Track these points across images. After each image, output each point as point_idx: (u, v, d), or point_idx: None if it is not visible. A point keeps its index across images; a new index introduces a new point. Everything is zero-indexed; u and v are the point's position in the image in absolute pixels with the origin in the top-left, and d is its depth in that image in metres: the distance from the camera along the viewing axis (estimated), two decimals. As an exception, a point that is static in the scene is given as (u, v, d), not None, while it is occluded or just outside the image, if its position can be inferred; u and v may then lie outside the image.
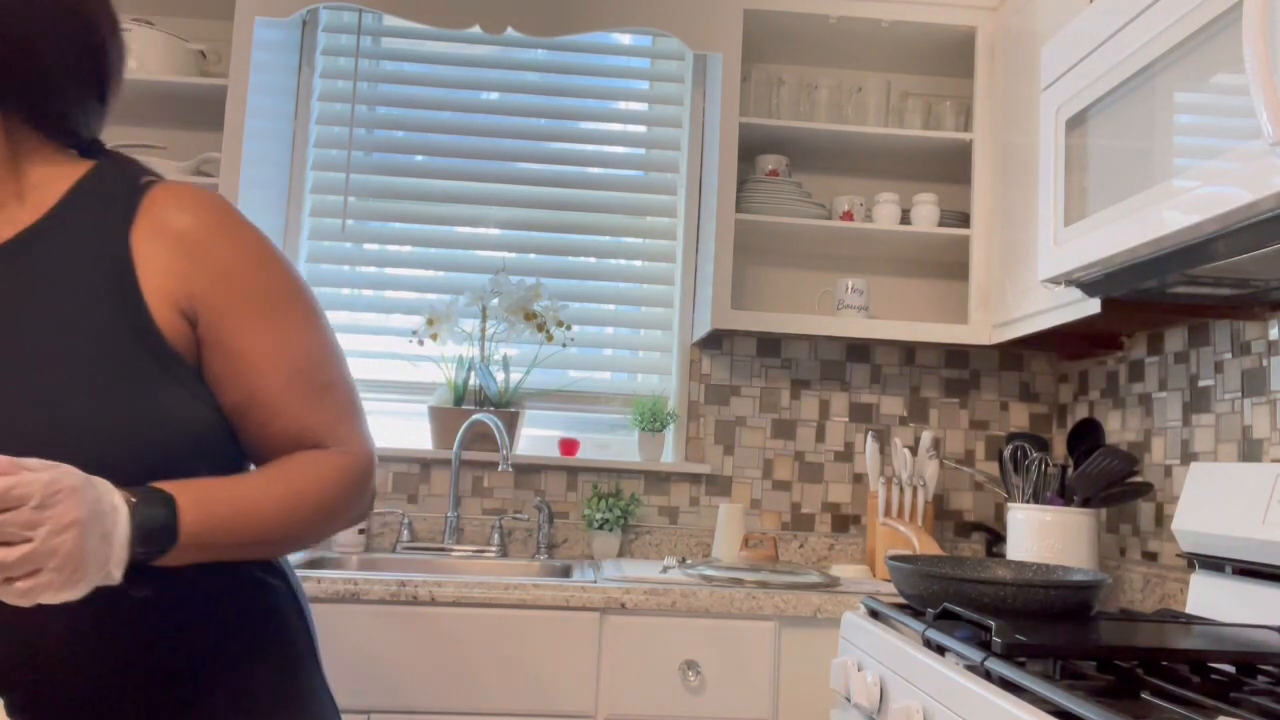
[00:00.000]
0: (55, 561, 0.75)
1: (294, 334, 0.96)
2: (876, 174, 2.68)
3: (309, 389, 0.96)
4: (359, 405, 1.01)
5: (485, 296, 2.51)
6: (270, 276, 0.95)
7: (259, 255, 0.95)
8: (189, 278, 0.91)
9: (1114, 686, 1.10)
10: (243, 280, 0.93)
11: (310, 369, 0.96)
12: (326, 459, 0.96)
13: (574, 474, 2.54)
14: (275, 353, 0.94)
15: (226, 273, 0.92)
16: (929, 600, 1.46)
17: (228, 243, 0.93)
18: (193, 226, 0.92)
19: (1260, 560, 1.55)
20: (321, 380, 0.97)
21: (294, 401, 0.95)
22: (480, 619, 1.90)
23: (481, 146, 2.65)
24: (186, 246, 0.91)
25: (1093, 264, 1.61)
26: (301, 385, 0.95)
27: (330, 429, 0.97)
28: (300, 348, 0.96)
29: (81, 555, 0.76)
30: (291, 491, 0.92)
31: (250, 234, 0.95)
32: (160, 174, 0.99)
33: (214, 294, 0.92)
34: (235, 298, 0.93)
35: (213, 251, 0.92)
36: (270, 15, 2.29)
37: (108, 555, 0.79)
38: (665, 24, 2.36)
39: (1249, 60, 1.17)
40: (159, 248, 0.91)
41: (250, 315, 0.93)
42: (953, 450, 2.63)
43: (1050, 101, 1.77)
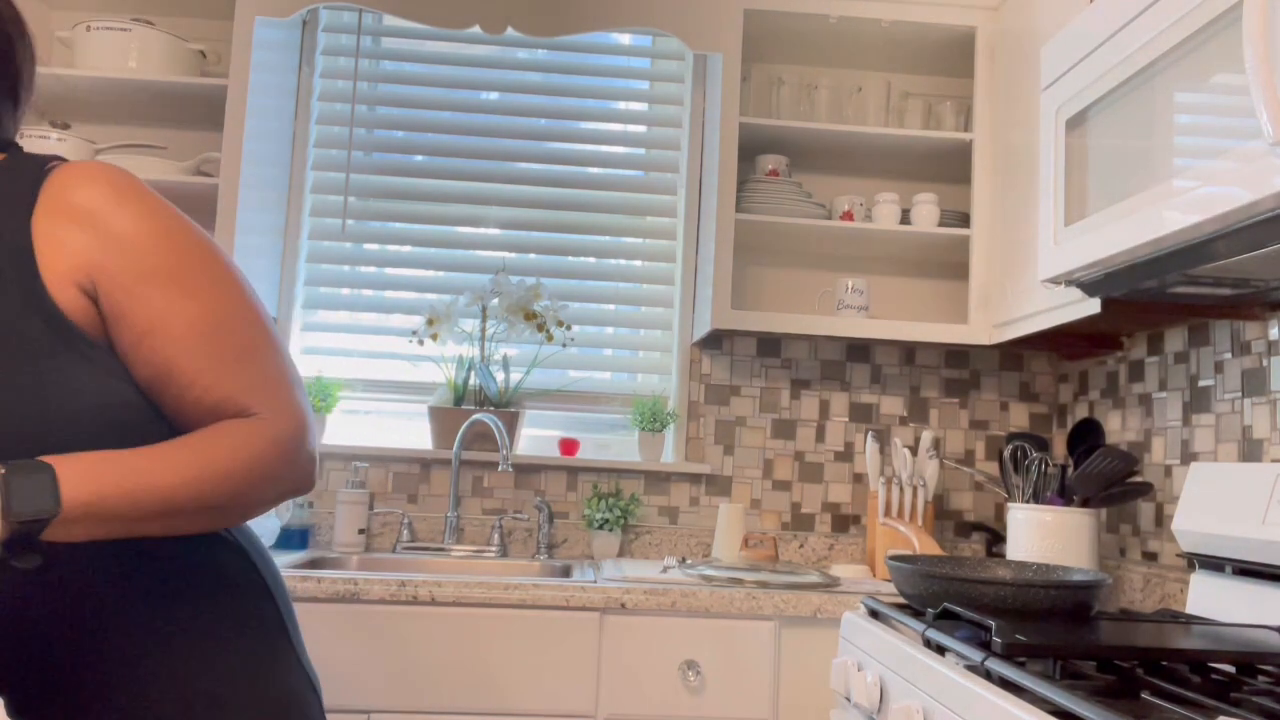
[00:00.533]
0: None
1: (202, 300, 0.92)
2: (876, 174, 2.68)
3: (224, 354, 0.92)
4: (287, 371, 0.97)
5: (485, 296, 2.51)
6: (172, 244, 0.92)
7: (158, 225, 0.92)
8: (86, 251, 0.89)
9: (1114, 686, 1.10)
10: (141, 250, 0.90)
11: (222, 334, 0.92)
12: (244, 426, 0.92)
13: (574, 474, 2.54)
14: (182, 320, 0.91)
15: (124, 243, 0.90)
16: (929, 600, 1.46)
17: (125, 214, 0.91)
18: (89, 199, 0.90)
19: (1260, 560, 1.55)
20: (237, 345, 0.93)
21: (208, 368, 0.91)
22: (480, 619, 1.90)
23: (481, 146, 2.65)
24: (82, 220, 0.89)
25: (1093, 264, 1.61)
26: (215, 351, 0.92)
27: (252, 395, 0.93)
28: (210, 313, 0.92)
29: None
30: (201, 459, 0.88)
31: (150, 204, 0.93)
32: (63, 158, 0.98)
33: (112, 265, 0.89)
34: (135, 268, 0.90)
35: (109, 223, 0.90)
36: (270, 15, 2.29)
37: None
38: (665, 24, 2.36)
39: (1249, 60, 1.17)
40: (57, 224, 0.89)
41: (153, 284, 0.90)
42: (953, 450, 2.63)
43: (1050, 101, 1.77)
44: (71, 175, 0.91)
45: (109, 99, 2.42)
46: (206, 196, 2.35)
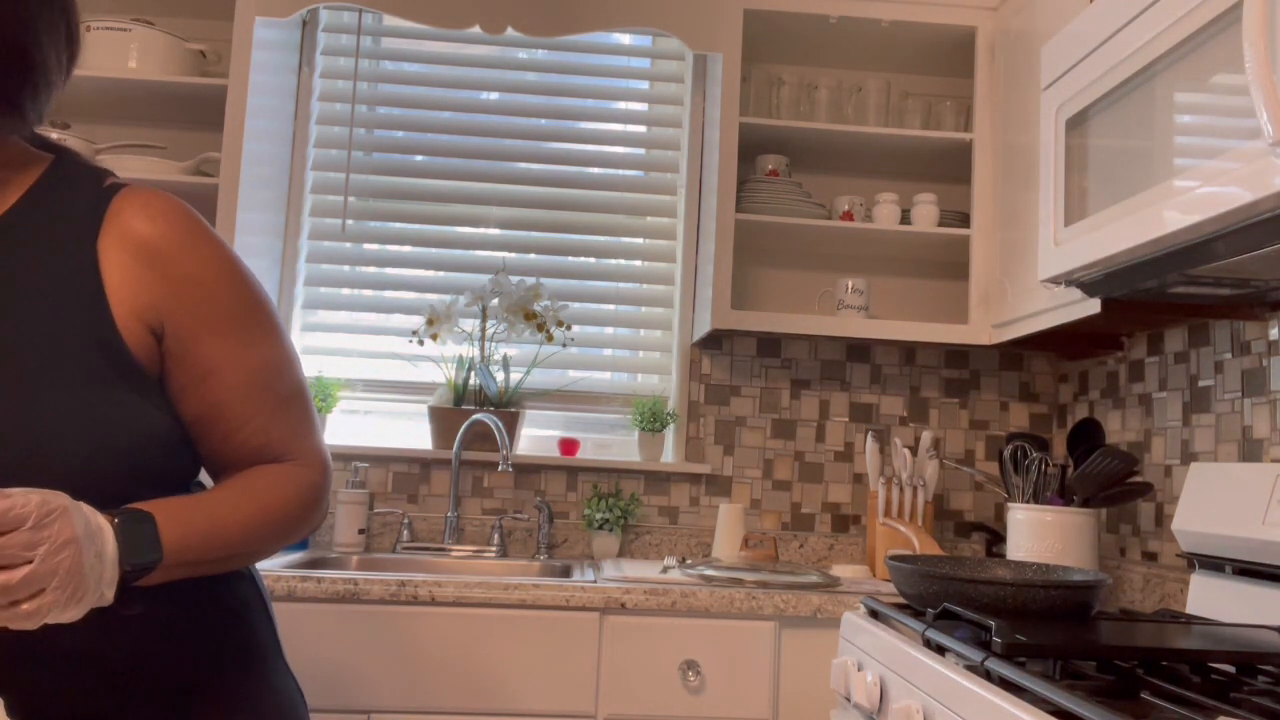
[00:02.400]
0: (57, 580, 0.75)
1: (256, 347, 0.96)
2: (876, 174, 2.68)
3: (271, 402, 0.97)
4: (315, 416, 1.03)
5: (485, 296, 2.51)
6: (233, 290, 0.95)
7: (222, 269, 0.95)
8: (154, 290, 0.91)
9: (1114, 686, 1.10)
10: (206, 294, 0.93)
11: (272, 381, 0.97)
12: (289, 475, 0.98)
13: (574, 474, 2.54)
14: (238, 365, 0.95)
15: (195, 290, 0.93)
16: (929, 600, 1.46)
17: (192, 256, 0.93)
18: (158, 237, 0.92)
19: (1260, 560, 1.55)
20: (283, 392, 0.98)
21: (256, 415, 0.96)
22: (480, 619, 1.90)
23: (481, 146, 2.64)
24: (151, 258, 0.91)
25: (1093, 264, 1.61)
26: (263, 398, 0.96)
27: (290, 441, 0.99)
28: (262, 360, 0.97)
29: (81, 573, 0.77)
30: (259, 508, 0.94)
31: (214, 247, 0.95)
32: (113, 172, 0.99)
33: (178, 307, 0.92)
34: (199, 311, 0.93)
35: (178, 264, 0.92)
36: (270, 15, 2.29)
37: (101, 573, 0.79)
38: (665, 24, 2.36)
39: (1249, 60, 1.17)
40: (125, 258, 0.91)
41: (213, 328, 0.94)
42: (953, 450, 2.63)
43: (1050, 101, 1.77)
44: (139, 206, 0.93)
45: (109, 99, 2.42)
46: (206, 196, 2.35)
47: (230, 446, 0.96)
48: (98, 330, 0.88)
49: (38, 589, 0.74)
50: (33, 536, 0.74)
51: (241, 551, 0.93)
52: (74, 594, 0.76)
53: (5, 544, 0.72)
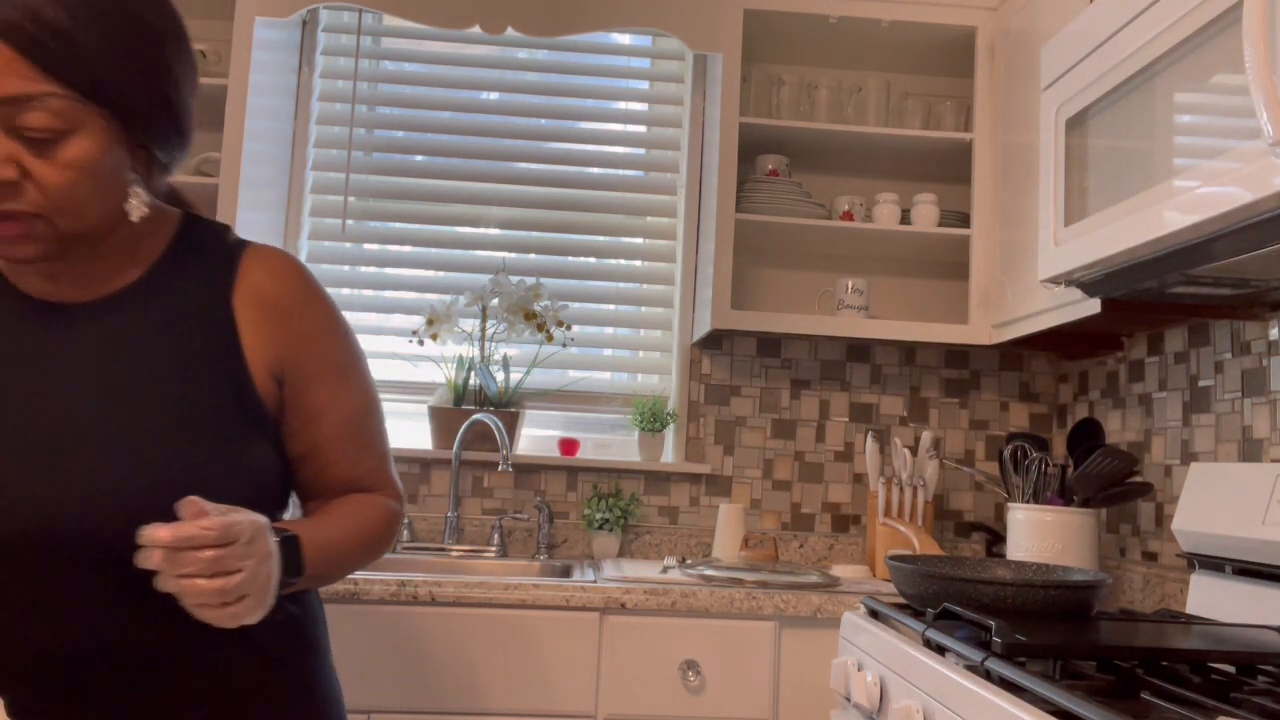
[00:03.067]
0: (256, 587, 0.87)
1: (353, 394, 1.10)
2: (876, 174, 2.68)
3: (362, 441, 1.11)
4: (390, 451, 1.16)
5: (485, 296, 2.51)
6: (340, 344, 1.10)
7: (333, 325, 1.09)
8: (279, 344, 1.04)
9: (1114, 686, 1.10)
10: (320, 348, 1.07)
11: (364, 423, 1.11)
12: (381, 504, 1.11)
13: (574, 474, 2.54)
14: (340, 409, 1.08)
15: (311, 342, 1.06)
16: (929, 600, 1.46)
17: (310, 314, 1.07)
18: (282, 296, 1.05)
19: (1260, 560, 1.55)
20: (371, 432, 1.12)
21: (350, 451, 1.10)
22: (480, 619, 1.90)
23: (481, 146, 2.65)
24: (278, 315, 1.04)
25: (1093, 264, 1.61)
26: (357, 438, 1.10)
27: (375, 475, 1.12)
28: (357, 404, 1.10)
29: (270, 583, 0.90)
30: (361, 532, 1.07)
31: (326, 304, 1.10)
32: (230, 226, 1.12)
33: (300, 360, 1.06)
34: (314, 363, 1.07)
35: (299, 321, 1.06)
36: (270, 15, 2.29)
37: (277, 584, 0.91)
38: (665, 24, 2.36)
39: (1249, 60, 1.17)
40: (256, 315, 1.03)
41: (323, 377, 1.07)
42: (953, 450, 2.63)
43: (1050, 101, 1.77)
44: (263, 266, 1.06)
45: (109, 99, 2.41)
46: (206, 196, 2.35)
47: (325, 478, 1.09)
48: (236, 381, 1.01)
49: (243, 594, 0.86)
50: (246, 550, 0.85)
51: (345, 569, 1.06)
52: (263, 601, 0.88)
53: (228, 554, 0.84)
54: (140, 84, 0.93)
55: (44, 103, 0.87)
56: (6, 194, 0.89)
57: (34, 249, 0.92)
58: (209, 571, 0.83)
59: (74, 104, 0.89)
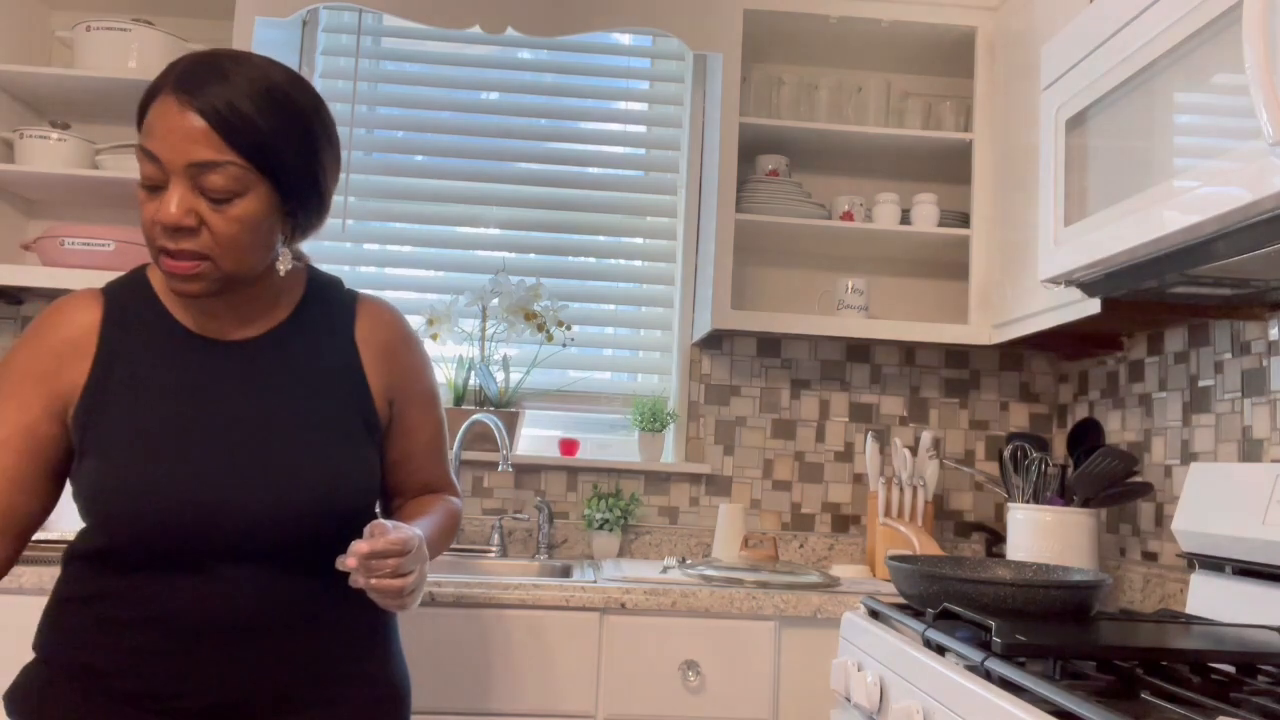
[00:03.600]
0: (422, 586, 1.16)
1: (437, 415, 1.40)
2: (876, 174, 2.68)
3: (438, 452, 1.41)
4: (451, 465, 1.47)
5: (485, 296, 2.51)
6: (429, 377, 1.39)
7: (426, 361, 1.39)
8: (390, 376, 1.33)
9: (1114, 686, 1.10)
10: (418, 381, 1.36)
11: (439, 439, 1.41)
12: (453, 506, 1.41)
13: (574, 474, 2.55)
14: (427, 428, 1.38)
15: (411, 375, 1.35)
16: (929, 600, 1.46)
17: (410, 353, 1.36)
18: (391, 339, 1.34)
19: (1260, 560, 1.55)
20: (443, 446, 1.42)
21: (430, 459, 1.39)
22: (480, 619, 1.90)
23: (481, 146, 2.65)
24: (389, 353, 1.33)
25: (1093, 264, 1.61)
26: (435, 448, 1.40)
27: (444, 479, 1.43)
28: (437, 424, 1.40)
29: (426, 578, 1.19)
30: (445, 529, 1.35)
31: (419, 346, 1.38)
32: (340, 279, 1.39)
33: (404, 388, 1.34)
34: (415, 392, 1.36)
35: (403, 360, 1.35)
36: (270, 15, 2.29)
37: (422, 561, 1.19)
38: (665, 24, 2.36)
39: (1249, 60, 1.17)
40: (373, 353, 1.32)
41: (419, 402, 1.36)
42: (953, 450, 2.63)
43: (1050, 101, 1.77)
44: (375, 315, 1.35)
45: (109, 99, 2.41)
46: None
47: (412, 480, 1.39)
48: (363, 405, 1.29)
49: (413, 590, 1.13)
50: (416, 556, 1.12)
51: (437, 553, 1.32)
52: (422, 591, 1.17)
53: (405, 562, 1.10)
54: (297, 164, 1.17)
55: (225, 169, 1.11)
56: (185, 236, 1.12)
57: (200, 285, 1.15)
58: (393, 573, 1.10)
59: (247, 172, 1.12)
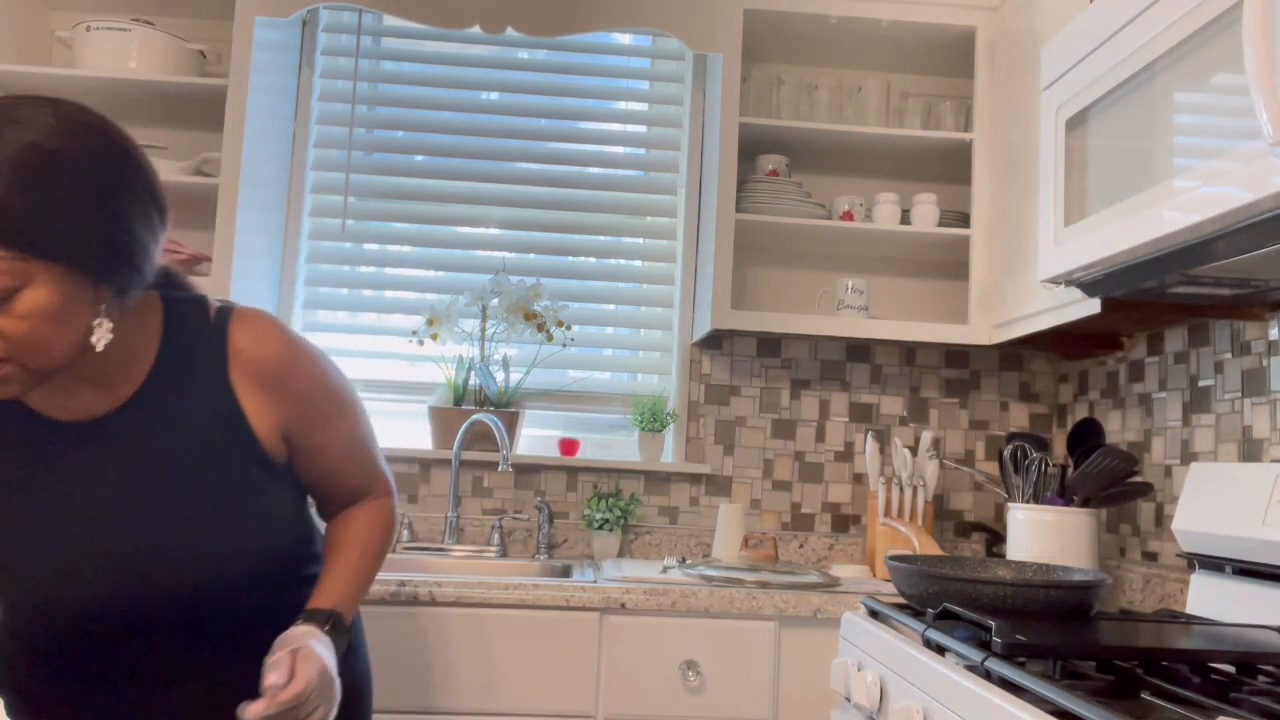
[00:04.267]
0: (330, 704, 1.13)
1: (345, 422, 1.30)
2: (876, 174, 2.68)
3: (356, 457, 1.32)
4: (378, 447, 1.37)
5: (485, 296, 2.51)
6: (329, 391, 1.27)
7: (318, 375, 1.26)
8: (279, 408, 1.21)
9: (1114, 686, 1.10)
10: (314, 401, 1.24)
11: (356, 444, 1.32)
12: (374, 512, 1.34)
13: (574, 474, 2.54)
14: (338, 441, 1.28)
15: (303, 399, 1.23)
16: (929, 600, 1.46)
17: (296, 373, 1.22)
18: (273, 366, 1.20)
19: (1260, 560, 1.55)
20: (362, 447, 1.33)
21: (351, 469, 1.31)
22: (480, 619, 1.90)
23: (481, 146, 2.64)
24: (273, 384, 1.20)
25: (1093, 264, 1.61)
26: (354, 456, 1.31)
27: (373, 481, 1.35)
28: (350, 431, 1.30)
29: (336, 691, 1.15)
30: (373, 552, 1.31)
31: (307, 358, 1.24)
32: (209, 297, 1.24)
33: (298, 415, 1.23)
34: (312, 414, 1.24)
35: (292, 385, 1.22)
36: (270, 15, 2.29)
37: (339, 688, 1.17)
38: (665, 24, 2.35)
39: (1249, 60, 1.17)
40: (254, 388, 1.19)
41: (321, 421, 1.25)
42: (953, 450, 2.63)
43: (1050, 101, 1.77)
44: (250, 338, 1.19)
45: (109, 99, 2.41)
46: (206, 196, 2.35)
47: (336, 491, 1.32)
48: (250, 450, 1.18)
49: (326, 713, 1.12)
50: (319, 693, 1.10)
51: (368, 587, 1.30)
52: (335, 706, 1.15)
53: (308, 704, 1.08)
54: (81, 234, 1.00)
55: None
56: None
57: (14, 388, 1.04)
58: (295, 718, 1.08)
59: (18, 263, 0.96)
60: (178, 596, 1.13)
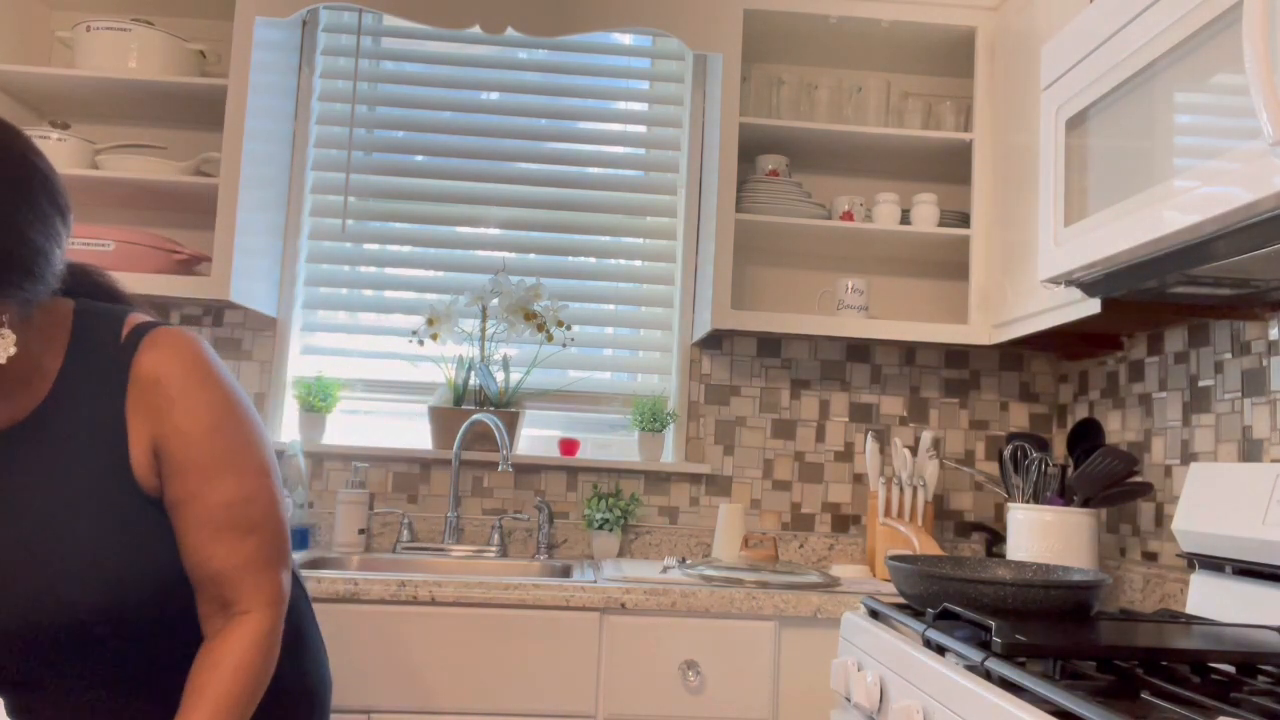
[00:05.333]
0: None
1: (223, 490, 1.11)
2: (876, 174, 2.68)
3: (228, 537, 1.12)
4: (280, 548, 1.17)
5: (485, 296, 2.51)
6: (212, 441, 1.11)
7: (211, 417, 1.11)
8: (153, 436, 1.10)
9: (1114, 686, 1.10)
10: (189, 442, 1.10)
11: (230, 516, 1.12)
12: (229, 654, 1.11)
13: (574, 474, 2.54)
14: (202, 500, 1.11)
15: (177, 436, 1.10)
16: (929, 600, 1.46)
17: (185, 409, 1.10)
18: (162, 394, 1.10)
19: (1260, 560, 1.55)
20: (240, 527, 1.12)
21: (212, 544, 1.11)
22: (480, 619, 1.90)
23: (481, 146, 2.64)
24: (155, 412, 1.10)
25: (1093, 264, 1.61)
26: (219, 530, 1.11)
27: (239, 577, 1.13)
28: (224, 498, 1.11)
29: None
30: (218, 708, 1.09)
31: (206, 398, 1.12)
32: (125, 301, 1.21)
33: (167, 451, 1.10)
34: (181, 456, 1.10)
35: (172, 417, 1.10)
36: (270, 15, 2.29)
37: None
38: (665, 24, 2.36)
39: (1249, 60, 1.17)
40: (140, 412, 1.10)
41: (190, 470, 1.10)
42: (953, 450, 2.63)
43: (1050, 101, 1.77)
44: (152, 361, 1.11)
45: (109, 99, 2.42)
46: (206, 196, 2.35)
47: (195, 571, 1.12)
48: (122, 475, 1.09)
49: None
50: None
51: None
52: None
53: None
54: None
55: None
56: None
57: None
58: None
59: None
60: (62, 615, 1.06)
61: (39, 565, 1.06)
